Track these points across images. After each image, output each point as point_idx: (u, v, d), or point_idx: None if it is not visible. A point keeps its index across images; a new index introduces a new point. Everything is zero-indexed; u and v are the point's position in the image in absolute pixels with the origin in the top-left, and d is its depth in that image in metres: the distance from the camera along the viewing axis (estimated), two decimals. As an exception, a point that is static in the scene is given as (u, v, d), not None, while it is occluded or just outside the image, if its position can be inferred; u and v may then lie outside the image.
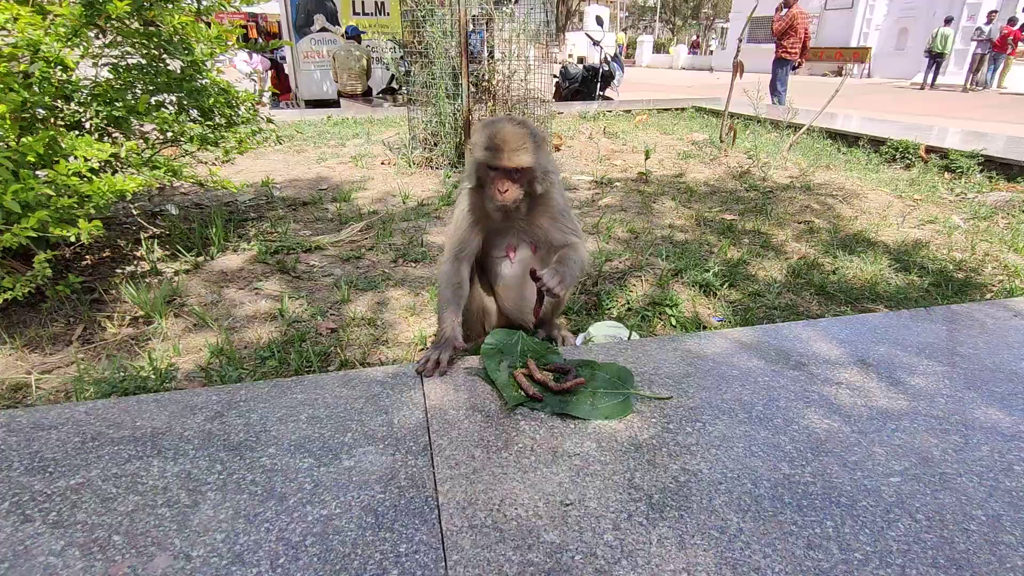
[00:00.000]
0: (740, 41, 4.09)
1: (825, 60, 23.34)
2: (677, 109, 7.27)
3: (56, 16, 1.83)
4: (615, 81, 10.52)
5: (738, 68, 4.01)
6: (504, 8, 4.53)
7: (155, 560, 0.84)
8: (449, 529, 0.89)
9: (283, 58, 12.66)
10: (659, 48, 39.03)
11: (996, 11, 15.23)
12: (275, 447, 1.08)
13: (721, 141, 4.49)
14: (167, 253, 2.40)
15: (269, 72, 12.09)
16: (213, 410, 1.19)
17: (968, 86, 14.85)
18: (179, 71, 2.35)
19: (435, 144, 4.26)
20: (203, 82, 2.37)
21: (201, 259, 2.39)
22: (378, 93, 12.66)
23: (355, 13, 13.69)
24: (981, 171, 3.85)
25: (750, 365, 1.35)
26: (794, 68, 7.78)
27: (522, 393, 1.20)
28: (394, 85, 12.74)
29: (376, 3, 14.02)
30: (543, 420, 1.15)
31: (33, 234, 1.56)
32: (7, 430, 1.13)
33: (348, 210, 3.15)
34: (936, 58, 15.04)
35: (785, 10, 7.71)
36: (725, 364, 1.35)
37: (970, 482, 0.98)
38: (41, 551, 0.85)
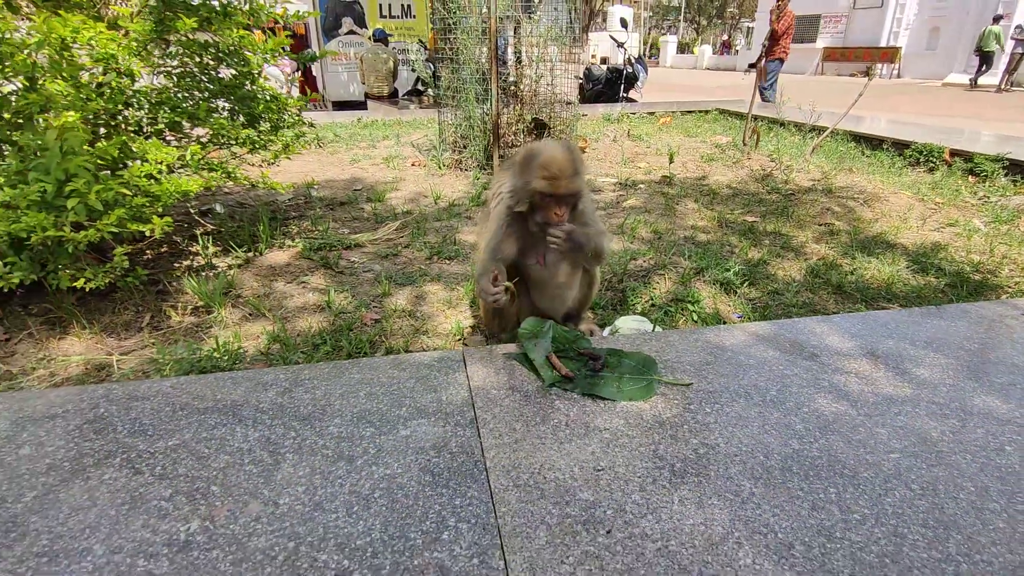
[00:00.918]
0: (763, 46, 4.16)
1: (854, 60, 23.03)
2: (701, 111, 7.32)
3: (130, 31, 2.01)
4: (639, 83, 10.58)
5: (761, 72, 4.07)
6: (532, 14, 4.67)
7: (249, 506, 0.99)
8: (497, 487, 1.02)
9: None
10: (683, 48, 38.76)
11: None
12: (339, 418, 1.23)
13: (744, 144, 4.56)
14: (219, 249, 2.58)
15: (297, 73, 12.41)
16: (282, 386, 1.34)
17: (1003, 86, 14.57)
18: (229, 79, 2.54)
19: (464, 147, 4.41)
20: (250, 88, 2.54)
21: (251, 255, 2.57)
22: (404, 95, 12.88)
23: (382, 16, 13.93)
24: (1006, 175, 3.88)
25: (766, 355, 1.46)
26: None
27: (556, 373, 1.33)
28: (419, 87, 12.95)
29: (403, 6, 14.24)
30: (575, 400, 1.28)
31: (115, 229, 1.74)
32: (106, 400, 1.30)
33: (383, 210, 3.31)
34: (985, 57, 14.89)
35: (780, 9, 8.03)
36: (743, 354, 1.47)
37: (963, 459, 1.09)
38: (153, 497, 1.01)
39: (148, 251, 2.59)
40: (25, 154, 1.81)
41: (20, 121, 1.88)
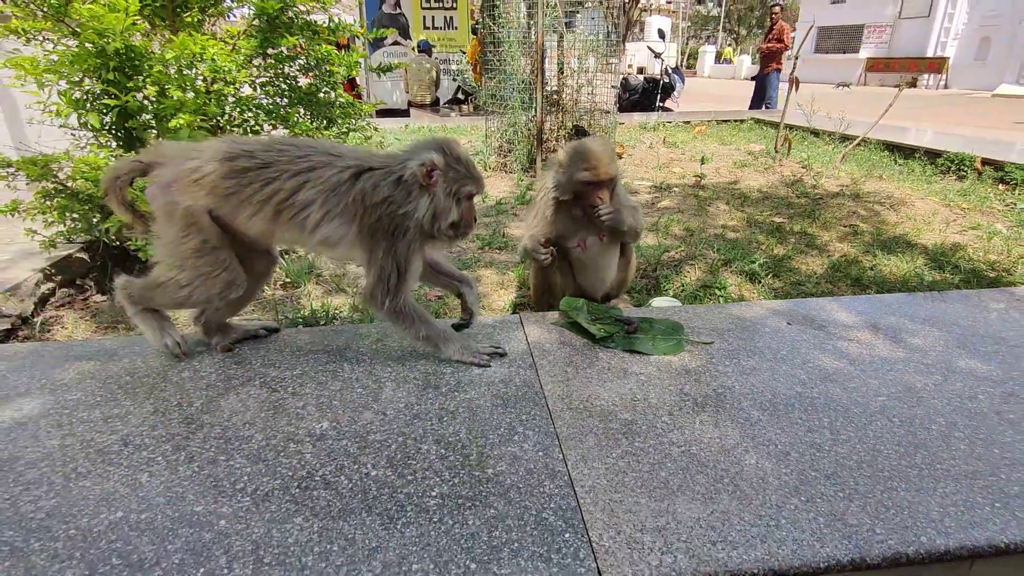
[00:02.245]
0: (796, 59, 4.36)
1: (898, 71, 22.62)
2: (736, 121, 7.49)
3: (240, 46, 2.37)
4: (675, 92, 10.76)
5: (794, 83, 4.28)
6: (574, 28, 4.97)
7: (363, 414, 1.29)
8: (554, 409, 1.30)
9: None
10: (720, 57, 38.51)
11: None
12: (424, 360, 1.52)
13: (776, 151, 4.75)
14: (298, 236, 2.93)
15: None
16: (375, 337, 1.65)
17: None
18: (306, 86, 2.89)
19: (508, 151, 4.72)
20: (328, 94, 2.89)
21: (325, 242, 2.91)
22: (445, 103, 13.33)
23: (425, 27, 14.43)
24: (1036, 183, 3.98)
25: (780, 325, 1.70)
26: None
27: (602, 328, 1.60)
28: (459, 96, 13.37)
29: (445, 18, 14.71)
30: (615, 353, 1.55)
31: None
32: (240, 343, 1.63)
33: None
34: None
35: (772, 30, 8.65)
36: (760, 324, 1.71)
37: (940, 403, 1.32)
38: (290, 406, 1.32)
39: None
40: (156, 149, 2.18)
41: (153, 122, 2.25)
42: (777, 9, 9.36)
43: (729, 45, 43.69)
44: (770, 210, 3.54)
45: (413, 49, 13.06)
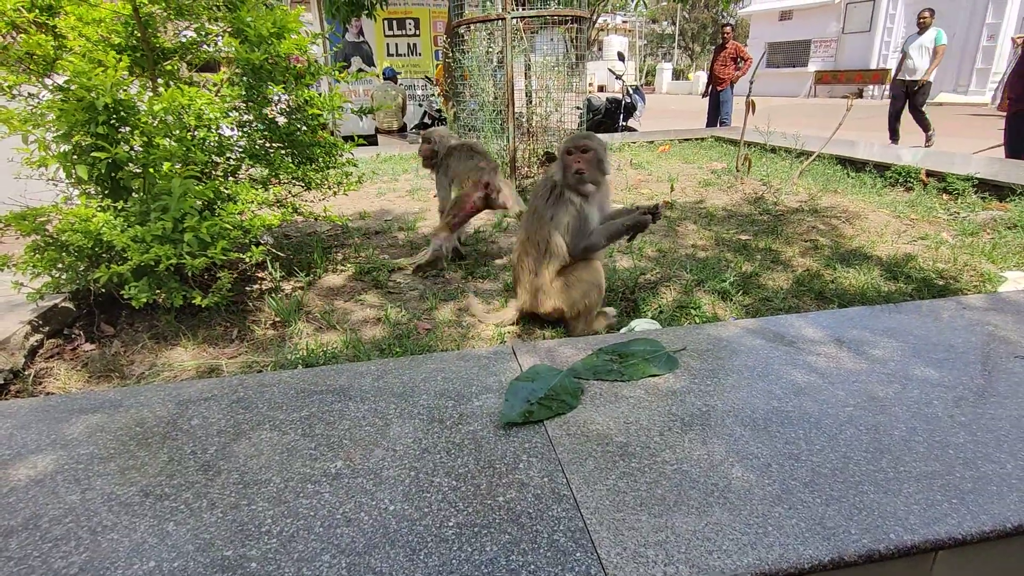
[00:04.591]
0: (751, 83, 4.62)
1: (845, 83, 23.74)
2: (697, 139, 7.78)
3: (224, 94, 2.44)
4: (637, 112, 11.10)
5: (750, 106, 4.52)
6: (535, 49, 5.14)
7: (374, 451, 1.36)
8: (553, 435, 1.39)
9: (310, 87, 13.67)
10: (678, 75, 39.73)
11: None
12: (426, 395, 1.60)
13: (737, 170, 4.98)
14: (283, 273, 2.98)
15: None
16: (375, 375, 1.72)
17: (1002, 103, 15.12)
18: (283, 126, 2.97)
19: (482, 178, 4.83)
20: (303, 133, 2.97)
21: (310, 278, 2.97)
22: (412, 128, 13.46)
23: (389, 55, 14.59)
24: (976, 192, 4.27)
25: (754, 343, 1.84)
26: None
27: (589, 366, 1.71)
28: (426, 120, 13.53)
29: (408, 45, 14.91)
30: (604, 381, 1.65)
31: (223, 257, 2.14)
32: (242, 387, 1.68)
33: (415, 237, 3.72)
34: None
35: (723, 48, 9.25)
36: (736, 343, 1.84)
37: (900, 410, 1.45)
38: (303, 448, 1.38)
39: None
40: (145, 198, 2.23)
41: (139, 171, 2.30)
42: (728, 29, 9.81)
43: (683, 62, 45.07)
44: (736, 228, 3.73)
45: (377, 76, 13.18)
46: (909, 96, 8.28)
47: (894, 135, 8.62)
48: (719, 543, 1.06)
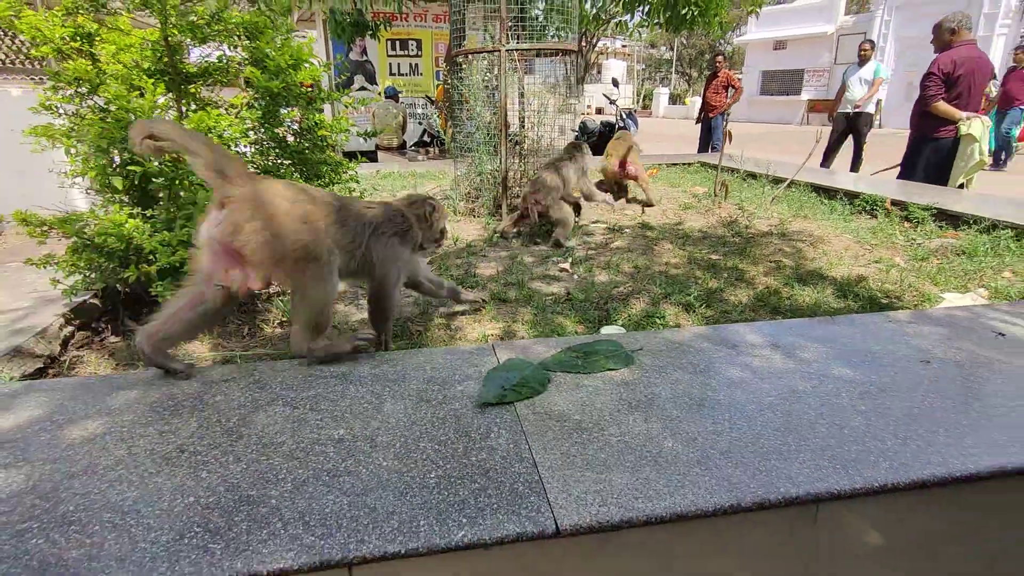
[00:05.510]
0: (727, 115, 4.96)
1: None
2: (685, 164, 8.14)
3: (244, 116, 2.74)
4: (630, 136, 11.49)
5: (728, 136, 4.86)
6: (534, 71, 5.48)
7: (371, 423, 1.63)
8: (522, 414, 1.66)
9: (320, 111, 14.07)
10: (675, 99, 40.50)
11: None
12: (416, 381, 1.87)
13: (715, 195, 5.31)
14: (289, 279, 3.25)
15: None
16: (373, 363, 1.99)
17: None
18: (292, 144, 3.27)
19: (476, 197, 5.15)
20: (310, 151, 3.27)
21: (314, 284, 3.24)
22: (411, 146, 13.82)
23: (391, 74, 14.99)
24: (935, 221, 4.60)
25: (702, 346, 2.12)
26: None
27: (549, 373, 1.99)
28: (425, 139, 13.90)
29: (411, 64, 15.32)
30: (570, 375, 1.93)
31: (240, 261, 2.41)
32: (258, 371, 1.95)
33: (412, 249, 4.00)
34: None
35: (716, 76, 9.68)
36: (686, 345, 2.13)
37: (813, 400, 1.74)
38: (311, 419, 1.65)
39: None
40: (170, 207, 2.51)
41: (166, 183, 2.58)
42: (720, 58, 10.25)
43: (681, 88, 45.88)
44: (708, 248, 4.03)
45: (380, 95, 13.57)
46: (851, 127, 8.62)
47: (827, 163, 8.86)
48: (645, 492, 1.33)
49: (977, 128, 5.17)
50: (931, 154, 5.65)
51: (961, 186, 5.53)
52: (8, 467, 1.44)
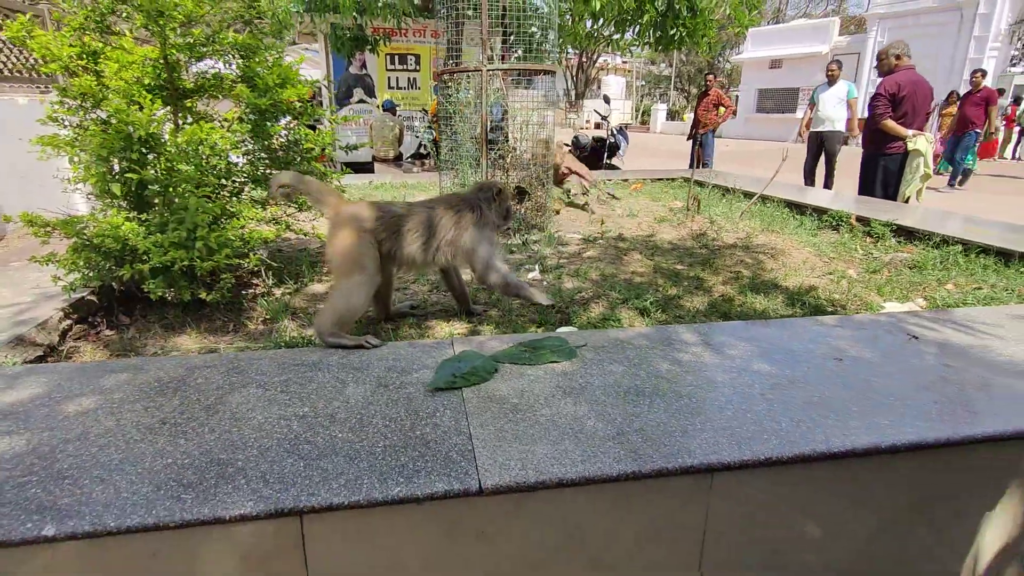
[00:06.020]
0: (715, 132, 5.22)
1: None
2: (670, 179, 8.40)
3: (235, 130, 2.98)
4: (620, 151, 11.80)
5: (697, 155, 5.10)
6: (534, 87, 5.73)
7: (334, 403, 1.84)
8: (467, 397, 1.88)
9: (319, 120, 14.37)
10: (673, 115, 41.00)
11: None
12: (378, 370, 2.09)
13: (688, 209, 5.55)
14: (275, 281, 3.48)
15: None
16: (341, 355, 2.21)
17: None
18: (281, 155, 3.51)
19: (460, 207, 5.38)
20: (305, 164, 3.51)
21: (298, 286, 3.47)
22: (407, 158, 14.10)
23: (389, 87, 15.32)
24: (895, 236, 4.84)
25: (641, 343, 2.34)
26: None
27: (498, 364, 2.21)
28: (422, 151, 14.19)
29: (409, 79, 15.65)
30: (517, 365, 2.15)
31: (226, 262, 2.64)
32: (236, 360, 2.16)
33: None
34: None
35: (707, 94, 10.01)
36: (627, 342, 2.34)
37: (728, 389, 1.95)
38: (280, 400, 1.86)
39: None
40: (164, 211, 2.74)
41: (160, 190, 2.81)
42: (711, 77, 10.57)
43: (678, 104, 46.38)
44: (675, 259, 4.26)
45: (378, 107, 13.87)
46: (823, 146, 8.94)
47: (809, 181, 9.20)
48: (561, 461, 1.54)
49: (922, 144, 5.54)
50: (883, 169, 6.00)
51: (908, 200, 5.87)
52: (11, 434, 1.65)
